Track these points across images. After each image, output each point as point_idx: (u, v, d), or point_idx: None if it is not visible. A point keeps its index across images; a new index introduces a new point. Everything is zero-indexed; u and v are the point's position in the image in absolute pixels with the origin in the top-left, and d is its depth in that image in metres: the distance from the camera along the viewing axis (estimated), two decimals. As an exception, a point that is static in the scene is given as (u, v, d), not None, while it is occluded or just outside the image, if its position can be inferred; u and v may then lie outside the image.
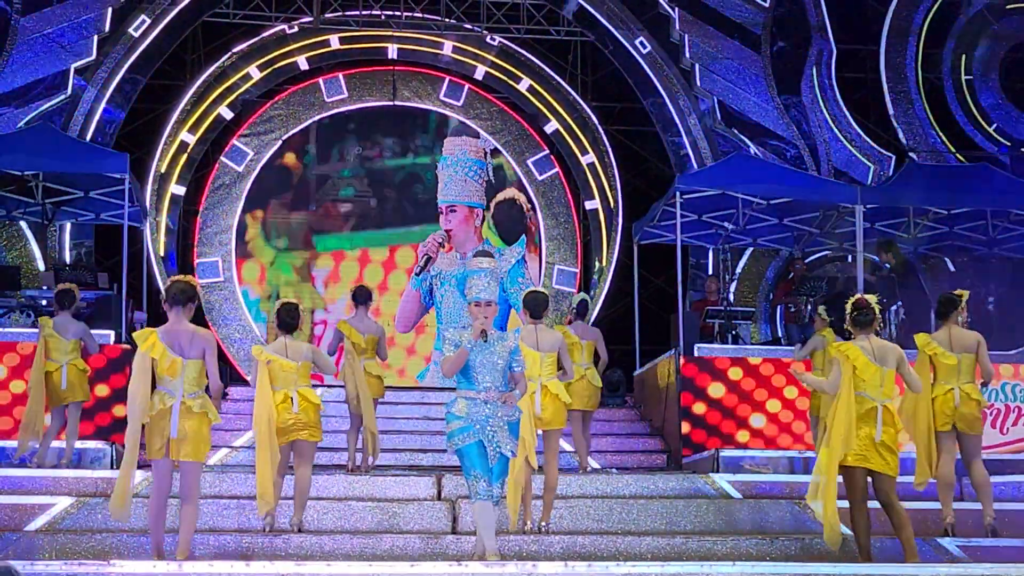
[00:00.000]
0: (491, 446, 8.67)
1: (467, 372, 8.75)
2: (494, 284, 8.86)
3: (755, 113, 19.79)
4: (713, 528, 11.20)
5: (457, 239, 20.55)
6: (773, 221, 17.42)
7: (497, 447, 8.68)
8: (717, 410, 14.63)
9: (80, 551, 9.58)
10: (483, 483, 8.64)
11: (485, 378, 8.73)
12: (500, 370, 8.76)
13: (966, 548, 10.37)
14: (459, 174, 20.73)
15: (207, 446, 9.08)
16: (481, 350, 8.71)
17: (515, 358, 8.85)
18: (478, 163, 20.89)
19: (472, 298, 8.82)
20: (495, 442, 8.68)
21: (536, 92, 21.53)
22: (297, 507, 10.48)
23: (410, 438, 15.54)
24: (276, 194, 20.80)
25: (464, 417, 8.70)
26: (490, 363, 8.73)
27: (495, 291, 8.84)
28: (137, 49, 19.28)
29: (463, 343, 8.66)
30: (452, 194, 20.66)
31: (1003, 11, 20.75)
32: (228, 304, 20.26)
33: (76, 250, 18.59)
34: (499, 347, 8.78)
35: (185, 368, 8.93)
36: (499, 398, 8.71)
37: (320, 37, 21.19)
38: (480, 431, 8.67)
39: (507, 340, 8.86)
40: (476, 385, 8.74)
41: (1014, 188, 16.76)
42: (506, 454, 8.74)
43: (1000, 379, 14.92)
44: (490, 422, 8.68)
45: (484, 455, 8.69)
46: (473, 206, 20.71)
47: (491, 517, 8.77)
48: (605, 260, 21.00)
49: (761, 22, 20.08)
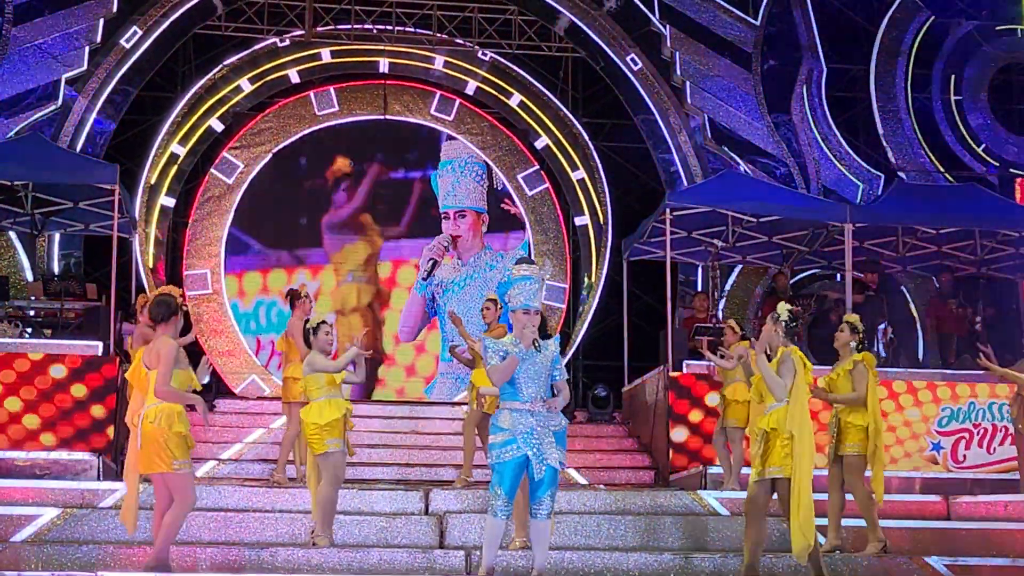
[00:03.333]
0: (537, 459, 8.41)
1: (512, 383, 8.51)
2: (540, 291, 8.66)
3: (745, 131, 19.85)
4: (700, 545, 11.20)
5: (463, 245, 20.59)
6: (762, 239, 17.48)
7: (543, 459, 8.42)
8: (705, 426, 14.65)
9: (66, 562, 9.54)
10: (501, 502, 8.44)
11: (530, 388, 8.49)
12: (544, 379, 8.53)
13: (952, 567, 10.38)
14: (465, 178, 20.77)
15: (168, 454, 8.77)
16: (527, 359, 8.49)
17: (556, 366, 8.63)
18: (480, 166, 20.96)
19: (519, 305, 8.55)
20: (541, 454, 8.41)
21: (527, 108, 21.57)
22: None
23: (398, 452, 15.53)
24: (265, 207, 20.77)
25: (508, 430, 8.46)
26: (534, 372, 8.49)
27: (541, 298, 8.65)
28: (128, 60, 19.27)
29: (513, 351, 8.45)
30: (460, 199, 20.69)
31: (992, 32, 20.86)
32: (217, 316, 20.23)
33: (65, 261, 18.56)
34: (542, 356, 8.55)
35: (149, 380, 8.87)
36: (544, 407, 8.47)
37: (312, 51, 21.20)
38: (525, 444, 8.42)
39: (549, 349, 8.61)
40: (521, 396, 8.50)
41: (1002, 208, 16.86)
42: (553, 465, 8.46)
43: (988, 399, 14.98)
44: (535, 432, 8.43)
45: (518, 475, 8.48)
46: (479, 211, 20.77)
47: (499, 534, 8.64)
48: (594, 276, 21.01)
49: (752, 40, 20.15)
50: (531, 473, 8.49)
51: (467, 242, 20.66)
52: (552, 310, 20.92)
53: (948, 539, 11.34)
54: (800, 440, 9.41)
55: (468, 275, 20.56)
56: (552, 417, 8.55)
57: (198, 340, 19.87)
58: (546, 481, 8.48)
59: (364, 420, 16.82)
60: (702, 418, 14.68)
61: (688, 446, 14.62)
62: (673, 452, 14.62)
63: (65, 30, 18.52)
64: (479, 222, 20.76)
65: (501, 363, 8.47)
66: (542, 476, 8.46)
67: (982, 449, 14.93)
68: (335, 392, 10.44)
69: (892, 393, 14.85)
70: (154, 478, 8.99)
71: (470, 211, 20.74)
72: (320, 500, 10.30)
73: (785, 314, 9.87)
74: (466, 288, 20.46)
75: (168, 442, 8.78)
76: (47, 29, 18.45)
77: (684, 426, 14.68)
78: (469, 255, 20.63)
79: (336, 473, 10.30)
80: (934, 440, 14.94)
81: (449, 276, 20.42)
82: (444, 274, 20.33)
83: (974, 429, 15.03)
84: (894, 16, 20.66)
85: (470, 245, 20.67)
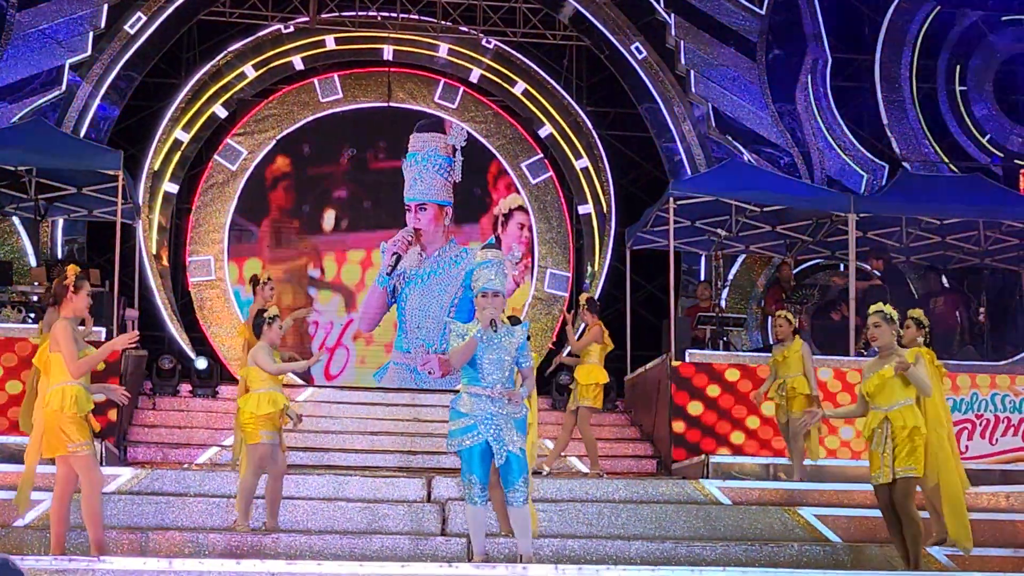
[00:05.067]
0: (497, 444, 8.35)
1: (473, 366, 8.45)
2: (501, 275, 8.56)
3: (749, 120, 19.82)
4: (702, 534, 11.20)
5: (426, 237, 20.55)
6: (766, 228, 17.47)
7: (504, 445, 8.36)
8: (707, 416, 14.67)
9: (69, 547, 9.54)
10: (477, 488, 8.41)
11: (492, 374, 8.43)
12: (507, 366, 8.47)
13: (954, 557, 10.38)
14: (428, 171, 20.73)
15: (64, 437, 8.70)
16: (489, 344, 8.42)
17: (523, 353, 8.56)
18: (446, 160, 20.88)
19: (480, 289, 8.49)
20: (502, 440, 8.36)
21: (531, 96, 21.54)
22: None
23: (400, 440, 15.53)
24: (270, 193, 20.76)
25: (468, 415, 8.41)
26: (497, 358, 8.43)
27: (503, 282, 8.54)
28: (133, 46, 19.26)
29: (472, 334, 8.41)
30: (421, 192, 20.65)
31: (998, 23, 20.81)
32: (219, 303, 20.23)
33: (68, 246, 18.55)
34: (507, 342, 8.48)
35: (51, 363, 8.87)
36: (504, 395, 8.41)
37: (316, 37, 21.16)
38: (485, 430, 8.37)
39: (515, 335, 8.55)
40: (482, 380, 8.44)
41: (1006, 199, 16.85)
42: (515, 452, 8.40)
43: (990, 390, 14.98)
44: (495, 420, 8.37)
45: (486, 460, 8.43)
46: (442, 204, 20.70)
47: (482, 521, 8.68)
48: (597, 265, 21.00)
49: (757, 29, 20.12)
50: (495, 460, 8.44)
51: (429, 235, 20.58)
52: (555, 298, 20.92)
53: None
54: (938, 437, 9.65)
55: (432, 268, 20.52)
56: (512, 405, 8.46)
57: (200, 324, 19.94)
58: (515, 469, 8.42)
59: (365, 407, 16.90)
60: (704, 408, 14.70)
61: (690, 435, 14.64)
62: (675, 441, 14.63)
63: (69, 15, 18.52)
64: (442, 215, 20.69)
65: (460, 344, 8.44)
66: (505, 463, 8.40)
67: (984, 440, 14.93)
68: (275, 386, 10.66)
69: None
70: (58, 462, 8.93)
71: (431, 204, 20.65)
72: (240, 487, 10.51)
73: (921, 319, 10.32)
74: (429, 282, 20.43)
75: (63, 425, 8.74)
76: (51, 14, 18.44)
77: (686, 415, 14.69)
78: (432, 248, 20.56)
79: (260, 464, 10.53)
80: (936, 431, 14.92)
81: (413, 268, 20.37)
82: (408, 264, 20.29)
83: (976, 420, 15.04)
84: (900, 6, 20.62)
85: (433, 238, 20.60)
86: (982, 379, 14.99)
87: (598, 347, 14.03)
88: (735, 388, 14.77)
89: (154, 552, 9.82)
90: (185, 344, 19.45)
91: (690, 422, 14.69)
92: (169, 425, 15.45)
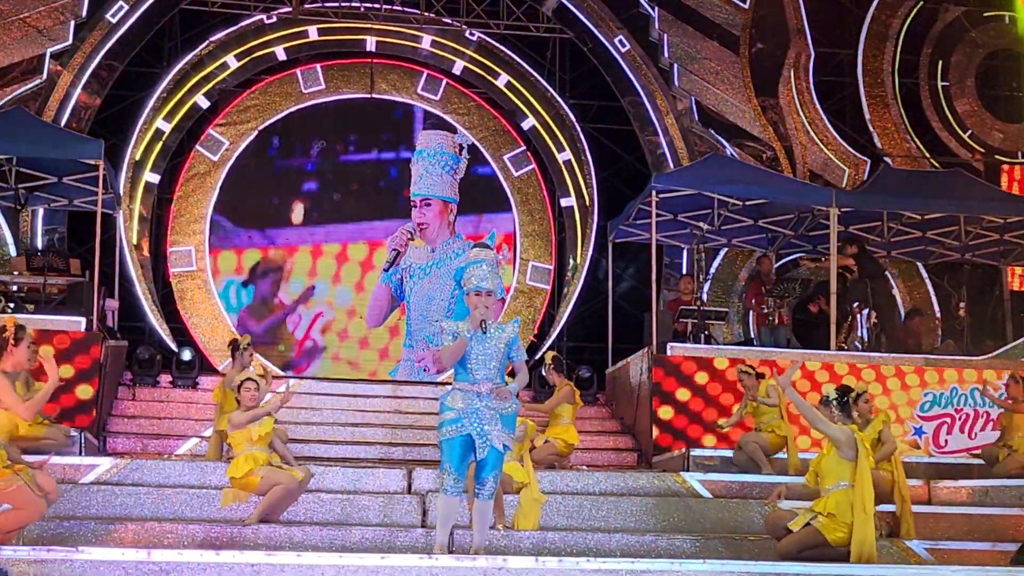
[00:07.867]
0: (480, 439, 8.40)
1: (464, 363, 8.50)
2: (494, 274, 8.59)
3: (732, 114, 19.86)
4: (683, 526, 11.22)
5: (430, 233, 20.52)
6: (748, 222, 17.49)
7: (487, 440, 8.41)
8: (688, 409, 14.69)
9: (47, 537, 9.50)
10: (452, 479, 8.43)
11: (480, 370, 8.47)
12: (496, 362, 8.51)
13: (933, 550, 10.42)
14: (435, 168, 20.71)
15: None
16: (479, 341, 8.47)
17: (514, 347, 8.59)
18: (453, 158, 20.87)
19: (472, 287, 8.53)
20: (485, 434, 8.40)
21: (514, 88, 21.51)
22: None
23: (381, 431, 15.50)
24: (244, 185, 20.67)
25: (456, 409, 8.46)
26: (486, 355, 8.47)
27: (495, 281, 8.58)
28: (114, 35, 19.18)
29: (462, 333, 8.45)
30: (427, 187, 20.63)
31: (980, 18, 20.87)
32: (200, 294, 20.17)
33: (49, 236, 18.48)
34: (497, 339, 8.53)
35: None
36: (493, 391, 8.44)
37: (299, 28, 21.09)
38: (470, 424, 8.40)
39: (506, 331, 8.59)
40: (471, 377, 8.48)
41: (987, 195, 16.90)
42: (497, 447, 8.44)
43: (971, 384, 15.04)
44: (480, 413, 8.40)
45: (466, 453, 8.47)
46: (447, 200, 20.69)
47: (452, 512, 8.67)
48: (580, 257, 21.01)
49: (740, 23, 20.14)
50: (476, 453, 8.48)
51: (433, 230, 20.57)
52: (537, 291, 20.91)
53: (929, 523, 11.37)
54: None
55: (435, 262, 20.50)
56: (500, 401, 8.49)
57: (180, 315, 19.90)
58: (490, 463, 8.48)
59: (347, 399, 16.86)
60: (685, 401, 14.71)
61: (671, 428, 14.65)
62: (656, 433, 14.64)
63: (50, 4, 18.43)
64: (446, 211, 20.68)
65: (451, 344, 8.48)
66: (484, 456, 8.45)
67: (963, 434, 14.99)
68: (257, 447, 10.48)
69: (880, 376, 14.93)
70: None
71: (436, 200, 20.64)
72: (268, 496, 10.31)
73: (833, 394, 9.80)
74: (432, 275, 20.41)
75: None
76: (32, 2, 18.36)
77: (668, 408, 14.71)
78: (437, 243, 20.55)
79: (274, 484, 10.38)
80: (916, 425, 15.00)
81: (417, 262, 20.34)
82: (412, 259, 20.26)
83: (956, 414, 15.11)
84: (883, 1, 20.66)
85: (437, 233, 20.59)
86: (968, 374, 15.07)
87: (570, 407, 13.71)
88: (716, 381, 14.79)
89: (133, 542, 9.77)
90: (165, 335, 19.39)
91: (671, 415, 14.70)
92: (149, 416, 15.39)
